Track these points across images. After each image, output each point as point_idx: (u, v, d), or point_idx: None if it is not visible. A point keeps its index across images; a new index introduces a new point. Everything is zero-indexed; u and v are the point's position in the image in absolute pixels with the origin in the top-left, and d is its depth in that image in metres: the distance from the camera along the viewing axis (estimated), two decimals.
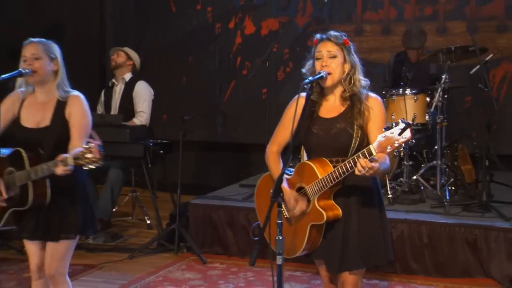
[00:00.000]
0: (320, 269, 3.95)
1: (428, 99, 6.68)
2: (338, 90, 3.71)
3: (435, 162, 6.57)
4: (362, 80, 3.70)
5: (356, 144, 3.62)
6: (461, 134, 7.18)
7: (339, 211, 3.63)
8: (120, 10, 9.66)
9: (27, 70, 4.01)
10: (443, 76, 6.57)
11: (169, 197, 7.30)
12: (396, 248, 5.49)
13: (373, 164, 3.31)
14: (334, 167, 3.57)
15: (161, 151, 7.01)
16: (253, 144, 8.94)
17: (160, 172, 7.29)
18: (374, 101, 3.68)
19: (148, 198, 8.14)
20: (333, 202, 3.64)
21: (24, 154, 3.92)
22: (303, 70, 3.82)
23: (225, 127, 9.18)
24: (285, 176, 3.80)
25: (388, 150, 3.28)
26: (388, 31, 8.49)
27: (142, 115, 7.06)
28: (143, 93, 7.15)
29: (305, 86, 3.58)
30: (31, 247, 4.22)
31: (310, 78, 3.59)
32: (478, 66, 6.55)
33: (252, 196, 6.77)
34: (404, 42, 7.42)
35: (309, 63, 3.79)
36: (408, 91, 6.57)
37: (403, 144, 3.27)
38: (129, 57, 7.27)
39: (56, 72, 4.10)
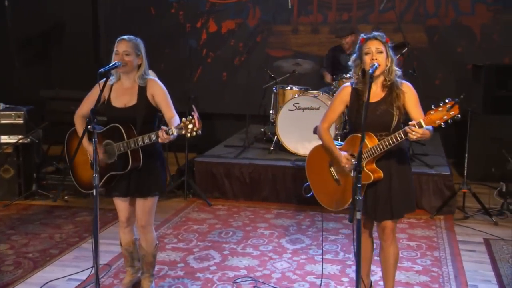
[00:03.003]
0: None
1: None
2: (380, 80, 3.42)
3: None
4: (397, 71, 3.43)
5: (396, 121, 3.37)
6: None
7: (381, 173, 3.37)
8: (110, 13, 8.88)
9: (120, 63, 3.58)
10: None
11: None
12: None
13: (424, 130, 3.10)
14: (378, 139, 3.32)
15: None
16: (216, 113, 8.58)
17: None
18: (406, 86, 3.42)
19: None
20: (375, 166, 3.38)
21: (121, 128, 3.54)
22: (349, 63, 3.52)
23: (194, 101, 8.67)
24: (337, 146, 3.52)
25: (437, 123, 3.06)
26: (316, 31, 8.24)
27: None
28: None
29: (370, 73, 3.25)
30: (121, 203, 3.82)
31: (371, 69, 3.27)
32: (398, 56, 6.43)
33: (240, 154, 6.49)
34: (336, 35, 7.16)
35: (353, 58, 3.49)
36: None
37: (450, 119, 3.04)
38: None
39: (139, 66, 3.67)
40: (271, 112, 6.84)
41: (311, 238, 5.06)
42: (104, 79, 3.64)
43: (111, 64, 3.56)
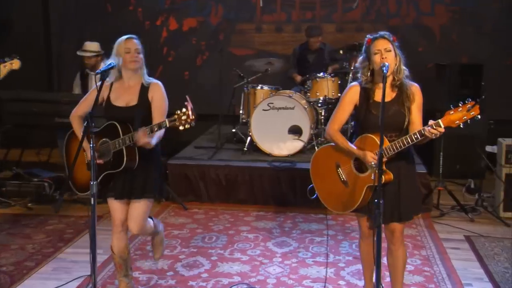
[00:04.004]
0: (361, 221, 3.51)
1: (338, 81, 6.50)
2: (389, 79, 3.35)
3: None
4: (405, 70, 3.39)
5: (407, 122, 3.33)
6: None
7: (391, 175, 3.30)
8: (63, 10, 8.48)
9: (115, 63, 3.50)
10: (352, 63, 6.35)
11: None
12: None
13: (442, 130, 3.08)
14: (389, 140, 3.26)
15: None
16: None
17: None
18: (416, 88, 3.39)
19: None
20: (385, 168, 3.31)
21: (118, 125, 3.41)
22: (357, 65, 3.44)
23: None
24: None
25: (456, 123, 3.03)
26: (280, 29, 8.17)
27: None
28: None
29: (384, 72, 3.18)
30: (117, 205, 3.63)
31: (385, 69, 3.18)
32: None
33: (214, 155, 6.31)
34: (307, 33, 7.07)
35: (360, 59, 3.41)
36: (327, 75, 6.34)
37: (470, 119, 3.02)
38: (97, 54, 6.28)
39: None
40: (241, 112, 6.71)
41: (297, 240, 4.97)
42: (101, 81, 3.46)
43: (107, 65, 3.47)
